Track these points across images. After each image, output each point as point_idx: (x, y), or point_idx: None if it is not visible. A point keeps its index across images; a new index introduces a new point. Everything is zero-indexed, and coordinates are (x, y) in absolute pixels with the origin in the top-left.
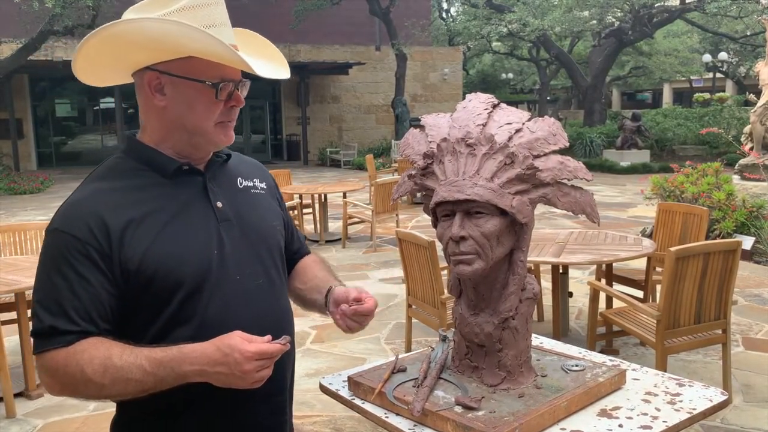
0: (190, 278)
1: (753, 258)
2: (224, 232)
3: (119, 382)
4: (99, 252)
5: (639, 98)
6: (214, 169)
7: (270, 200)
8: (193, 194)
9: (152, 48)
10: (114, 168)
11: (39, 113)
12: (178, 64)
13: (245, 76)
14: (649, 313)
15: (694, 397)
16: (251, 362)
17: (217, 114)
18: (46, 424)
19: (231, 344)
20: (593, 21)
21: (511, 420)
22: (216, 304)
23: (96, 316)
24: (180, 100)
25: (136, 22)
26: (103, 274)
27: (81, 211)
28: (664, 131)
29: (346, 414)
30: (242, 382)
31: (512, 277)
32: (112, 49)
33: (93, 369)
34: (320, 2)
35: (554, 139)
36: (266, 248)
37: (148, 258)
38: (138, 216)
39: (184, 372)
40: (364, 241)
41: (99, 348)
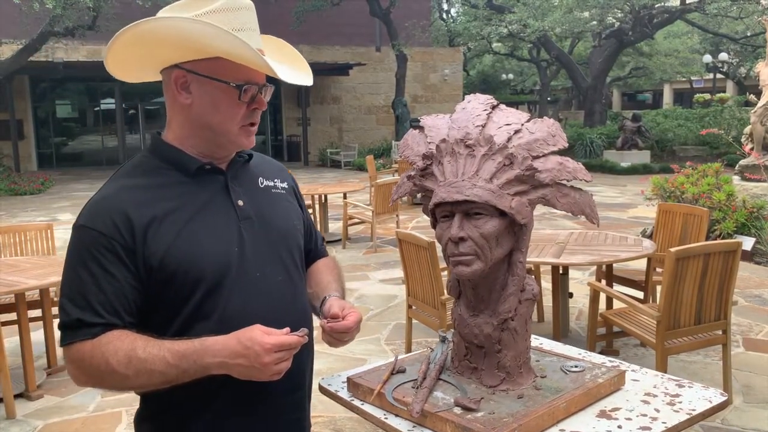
0: (211, 274)
1: (753, 259)
2: (245, 229)
3: (143, 373)
4: (124, 247)
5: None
6: (236, 168)
7: (290, 200)
8: (214, 193)
9: (181, 46)
10: (139, 166)
11: (39, 114)
12: (205, 63)
13: (269, 81)
14: (650, 313)
15: (694, 398)
16: (270, 354)
17: (240, 116)
18: (46, 425)
19: (251, 337)
20: (593, 22)
21: (510, 421)
22: (236, 300)
23: (121, 310)
24: (205, 99)
25: (169, 20)
26: (127, 268)
27: (106, 207)
28: (664, 132)
29: (346, 415)
30: (262, 375)
31: (511, 278)
32: (143, 45)
33: (117, 360)
34: (320, 3)
35: (553, 140)
36: (286, 246)
37: (170, 254)
38: (161, 213)
39: (206, 364)
40: (364, 241)
41: (124, 340)
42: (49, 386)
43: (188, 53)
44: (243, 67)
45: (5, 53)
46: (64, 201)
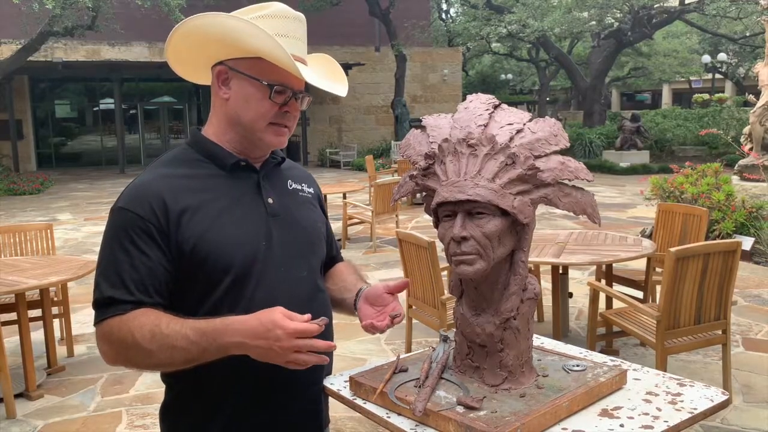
0: (239, 264)
1: (752, 258)
2: (273, 225)
3: (165, 348)
4: (158, 230)
5: (638, 99)
6: (268, 168)
7: (315, 205)
8: (247, 188)
9: (225, 43)
10: (178, 157)
11: (39, 114)
12: (246, 62)
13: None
14: (649, 313)
15: (695, 397)
16: (291, 339)
17: (270, 115)
18: (46, 425)
19: (273, 319)
20: (593, 22)
21: (513, 420)
22: (261, 290)
23: (151, 289)
24: (240, 95)
25: (216, 16)
26: (161, 250)
27: (144, 191)
28: (663, 132)
29: (346, 414)
30: (279, 358)
31: (514, 278)
32: (194, 42)
33: (142, 335)
34: (320, 3)
35: (555, 139)
36: (310, 246)
37: (203, 241)
38: (195, 203)
39: (224, 343)
40: (364, 241)
41: (149, 316)
42: (49, 386)
43: (232, 51)
44: (280, 71)
45: (4, 53)
46: (64, 201)
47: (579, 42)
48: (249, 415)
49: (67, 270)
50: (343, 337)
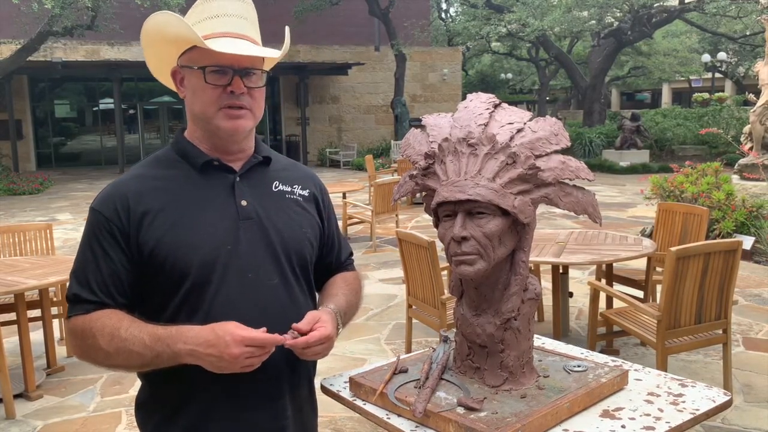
0: (197, 269)
1: (753, 258)
2: (243, 229)
3: (122, 352)
4: (121, 231)
5: (638, 98)
6: (250, 168)
7: (306, 208)
8: (218, 190)
9: (165, 40)
10: (157, 157)
11: (38, 114)
12: (186, 55)
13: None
14: (650, 313)
15: (697, 398)
16: (240, 347)
17: (215, 99)
18: (46, 426)
19: (225, 328)
20: (592, 21)
21: (514, 421)
22: (223, 297)
23: (114, 291)
24: (189, 89)
25: (151, 17)
26: (123, 251)
27: (113, 193)
28: (663, 131)
29: (346, 415)
30: (230, 366)
31: (514, 278)
32: (152, 47)
33: (102, 336)
34: (319, 3)
35: (556, 138)
36: (285, 251)
37: (161, 245)
38: (159, 204)
39: (177, 350)
40: (364, 241)
41: (112, 318)
42: (49, 386)
43: (172, 47)
44: (213, 53)
45: (4, 53)
46: (63, 201)
47: (579, 41)
48: (214, 415)
49: (67, 270)
50: (343, 337)
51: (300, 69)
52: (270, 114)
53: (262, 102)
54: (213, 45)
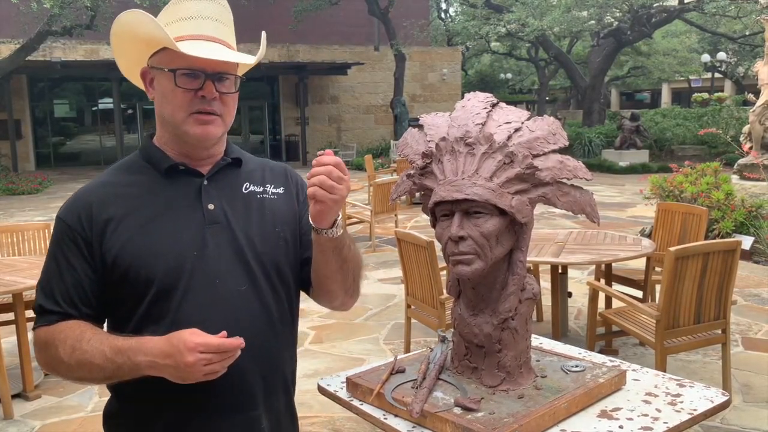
0: (161, 277)
1: (752, 258)
2: (210, 234)
3: (84, 364)
4: (84, 240)
5: (638, 98)
6: (217, 172)
7: (281, 206)
8: (185, 194)
9: (135, 40)
10: (125, 163)
11: (37, 114)
12: (156, 56)
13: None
14: (649, 313)
15: (695, 398)
16: (194, 354)
17: (185, 103)
18: (44, 426)
19: (180, 336)
20: (592, 21)
21: (511, 421)
22: (189, 305)
23: (77, 301)
24: (159, 91)
25: (122, 15)
26: (86, 260)
27: (78, 201)
28: (662, 131)
29: (345, 415)
30: (190, 376)
31: (512, 278)
32: (122, 47)
33: (64, 349)
34: (319, 2)
35: (554, 138)
36: (256, 255)
37: (124, 253)
38: (122, 212)
39: (137, 362)
40: (363, 241)
41: (74, 330)
42: (47, 386)
43: (143, 47)
44: (185, 55)
45: (3, 53)
46: (62, 201)
47: (578, 41)
48: (184, 428)
49: None
50: (342, 337)
51: (299, 69)
52: (269, 114)
53: (234, 108)
54: (184, 48)
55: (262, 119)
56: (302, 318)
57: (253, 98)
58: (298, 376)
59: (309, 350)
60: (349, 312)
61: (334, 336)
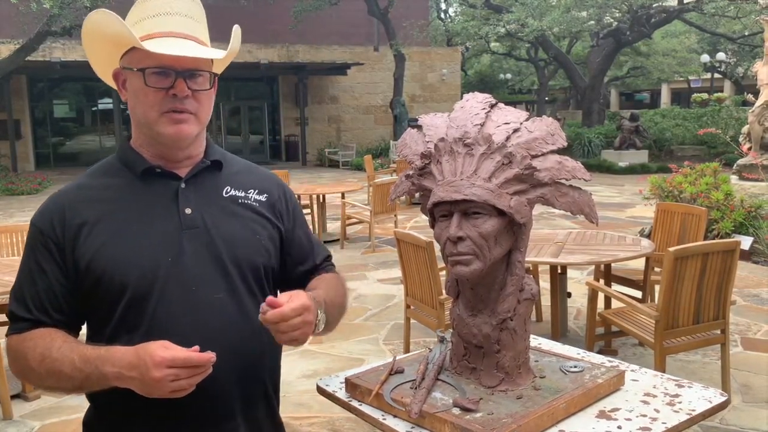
0: (135, 283)
1: (751, 258)
2: (186, 239)
3: (53, 373)
4: (56, 245)
5: (637, 99)
6: (196, 174)
7: (263, 213)
8: (160, 198)
9: (104, 40)
10: (102, 166)
11: (37, 114)
12: (126, 56)
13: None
14: (648, 313)
15: (694, 398)
16: (161, 369)
17: (156, 103)
18: (43, 426)
19: (147, 349)
20: (591, 21)
21: (510, 422)
22: (163, 313)
23: (49, 307)
24: (131, 92)
25: (91, 15)
26: (58, 266)
27: (51, 205)
28: (662, 131)
29: (344, 415)
30: (156, 391)
31: (510, 278)
32: (93, 48)
33: (34, 357)
34: (318, 3)
35: (552, 138)
36: (234, 261)
37: (97, 258)
38: (96, 216)
39: (105, 372)
40: (362, 241)
41: (45, 338)
42: None
43: (111, 47)
44: (153, 54)
45: (2, 53)
46: None
47: (578, 41)
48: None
49: None
50: (341, 337)
51: (299, 69)
52: (269, 114)
53: (209, 105)
54: (151, 46)
55: (261, 119)
56: None
57: (253, 98)
58: (297, 377)
59: (308, 350)
60: (349, 312)
61: (333, 336)
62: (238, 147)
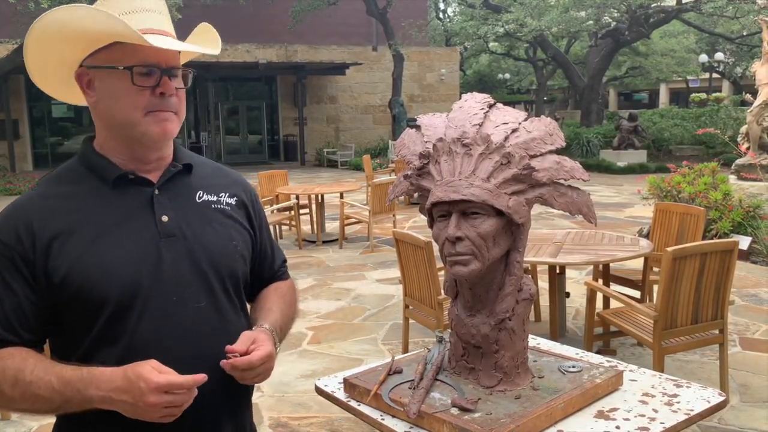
0: (117, 295)
1: (750, 258)
2: (165, 248)
3: (28, 397)
4: (24, 259)
5: (636, 98)
6: (168, 179)
7: (235, 217)
8: (135, 205)
9: (71, 38)
10: (63, 173)
11: (35, 114)
12: (100, 54)
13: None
14: (647, 313)
15: (692, 398)
16: (157, 394)
17: (142, 102)
18: (41, 426)
19: (139, 372)
20: (590, 21)
21: (508, 422)
22: (146, 324)
23: (17, 326)
24: (105, 92)
25: (50, 13)
26: (26, 282)
27: (13, 216)
28: (660, 131)
29: (342, 415)
30: (147, 415)
31: (509, 278)
32: (46, 50)
33: (4, 379)
34: (317, 2)
35: (551, 138)
36: (214, 268)
37: (74, 272)
38: (68, 227)
39: (89, 396)
40: (361, 241)
41: (15, 359)
42: None
43: (84, 46)
44: (139, 51)
45: (0, 53)
46: None
47: (576, 41)
48: None
49: None
50: (340, 337)
51: (297, 69)
52: (267, 114)
53: (185, 104)
54: (153, 40)
55: (260, 119)
56: (300, 318)
57: (252, 98)
58: (296, 377)
59: (307, 351)
60: (348, 312)
61: (332, 337)
62: (236, 147)
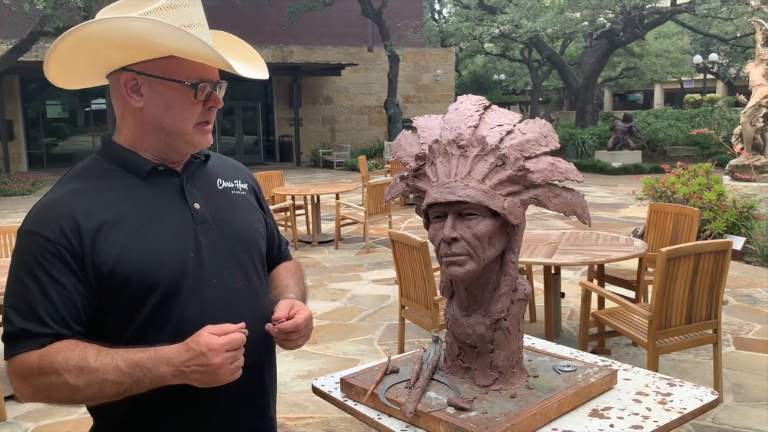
0: (166, 281)
1: (744, 258)
2: (201, 234)
3: (95, 383)
4: (71, 253)
5: (630, 99)
6: (192, 170)
7: (251, 201)
8: (169, 196)
9: (130, 47)
10: (89, 169)
11: (30, 114)
12: (155, 64)
13: (224, 77)
14: (641, 313)
15: (685, 397)
16: (220, 354)
17: (196, 115)
18: (38, 427)
19: (200, 341)
20: (585, 22)
21: (503, 421)
22: (193, 307)
23: (69, 319)
24: (158, 101)
25: (117, 20)
26: (75, 276)
27: (54, 212)
28: (655, 132)
29: (339, 415)
30: (219, 377)
31: (504, 278)
32: (87, 50)
33: (68, 370)
34: (313, 3)
35: (545, 140)
36: (245, 250)
37: (123, 260)
38: (112, 218)
39: (161, 374)
40: (357, 242)
41: (74, 350)
42: None
43: (137, 54)
44: (195, 65)
45: None
46: None
47: (571, 42)
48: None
49: None
50: (336, 338)
51: (293, 69)
52: (263, 114)
53: None
54: (240, 71)
55: (255, 120)
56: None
57: (247, 99)
58: (292, 377)
59: (303, 351)
60: (344, 313)
61: (328, 337)
62: (231, 148)
